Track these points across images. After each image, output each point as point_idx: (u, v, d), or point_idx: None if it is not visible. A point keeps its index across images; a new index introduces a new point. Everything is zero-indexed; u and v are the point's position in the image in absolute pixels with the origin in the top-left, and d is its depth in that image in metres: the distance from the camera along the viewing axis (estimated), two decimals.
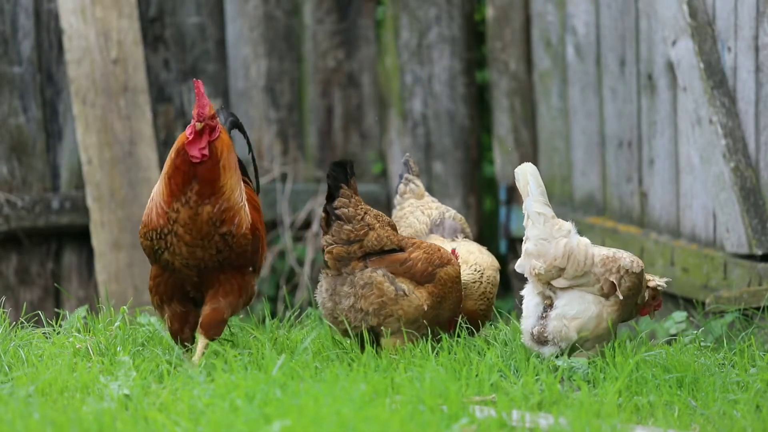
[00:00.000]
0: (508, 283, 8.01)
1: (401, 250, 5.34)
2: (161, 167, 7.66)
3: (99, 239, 7.44)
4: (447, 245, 5.70)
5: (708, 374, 5.04)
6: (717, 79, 6.42)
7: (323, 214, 5.30)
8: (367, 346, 5.20)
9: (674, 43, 6.61)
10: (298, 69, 8.10)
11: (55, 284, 7.54)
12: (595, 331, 5.24)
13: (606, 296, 5.27)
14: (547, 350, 5.27)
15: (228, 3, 7.92)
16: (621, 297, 5.25)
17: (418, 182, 6.15)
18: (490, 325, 5.93)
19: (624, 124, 7.19)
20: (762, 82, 6.23)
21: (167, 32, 7.80)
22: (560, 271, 5.24)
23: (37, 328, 5.48)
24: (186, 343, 5.17)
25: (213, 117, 5.13)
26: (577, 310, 5.25)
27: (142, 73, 7.57)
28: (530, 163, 5.37)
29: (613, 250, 5.33)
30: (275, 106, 8.06)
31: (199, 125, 5.05)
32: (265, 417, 4.20)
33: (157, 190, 5.12)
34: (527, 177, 5.31)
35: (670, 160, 6.88)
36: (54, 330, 5.44)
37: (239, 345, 5.44)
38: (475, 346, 5.37)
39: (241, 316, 6.47)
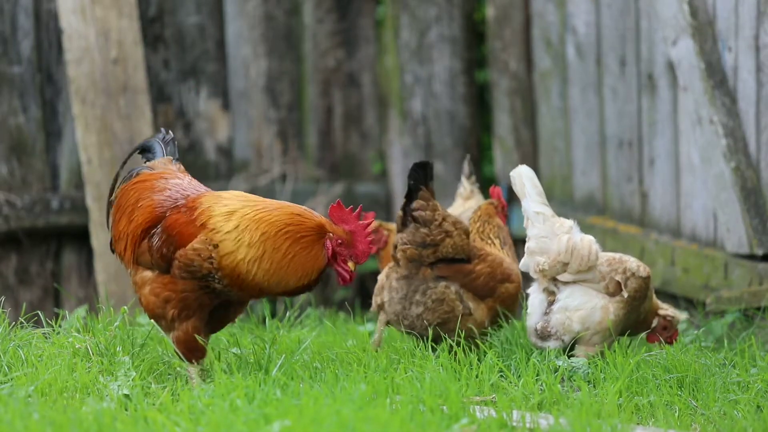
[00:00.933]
0: None
1: (468, 260, 5.33)
2: None
3: (99, 239, 7.43)
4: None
5: (708, 374, 5.04)
6: (717, 78, 6.41)
7: (400, 213, 5.28)
8: (368, 347, 5.19)
9: (675, 42, 6.60)
10: (298, 69, 8.10)
11: (55, 284, 7.54)
12: (600, 324, 5.25)
13: (611, 294, 5.28)
14: (551, 345, 5.28)
15: (228, 3, 7.91)
16: (627, 295, 5.26)
17: (467, 184, 6.13)
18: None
19: (624, 123, 7.18)
20: (763, 81, 6.23)
21: (167, 32, 7.80)
22: (564, 266, 5.27)
23: (37, 328, 5.46)
24: (199, 359, 4.95)
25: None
26: (580, 301, 5.27)
27: (142, 72, 7.56)
28: (525, 165, 5.39)
29: (620, 254, 5.36)
30: (275, 106, 8.05)
31: (353, 266, 4.84)
32: (265, 417, 4.20)
33: (269, 266, 4.79)
34: (523, 179, 5.34)
35: (670, 160, 6.88)
36: (53, 330, 5.43)
37: (239, 345, 5.43)
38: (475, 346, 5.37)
39: (241, 316, 6.47)
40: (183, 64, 7.82)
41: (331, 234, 4.82)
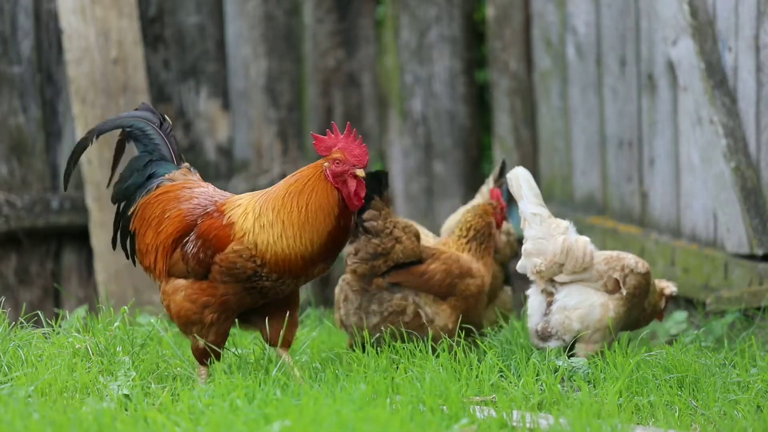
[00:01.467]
0: (509, 283, 7.98)
1: (420, 261, 5.31)
2: None
3: (98, 239, 7.43)
4: None
5: (709, 374, 5.04)
6: (717, 78, 6.41)
7: (353, 224, 5.27)
8: (368, 347, 5.19)
9: (675, 42, 6.60)
10: (298, 69, 8.10)
11: (55, 284, 7.53)
12: (600, 322, 5.25)
13: (611, 292, 5.28)
14: (552, 344, 5.28)
15: (228, 3, 7.91)
16: (625, 292, 5.26)
17: (490, 185, 6.10)
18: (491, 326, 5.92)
19: (624, 123, 7.18)
20: (763, 81, 6.22)
21: (167, 32, 7.80)
22: (560, 267, 5.28)
23: (37, 328, 5.47)
24: (209, 360, 4.95)
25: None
26: (578, 300, 5.28)
27: (142, 73, 7.56)
28: (522, 166, 5.40)
29: (618, 251, 5.37)
30: (275, 106, 8.05)
31: (361, 173, 4.82)
32: (265, 417, 4.20)
33: (295, 239, 4.80)
34: (519, 181, 5.35)
35: (670, 160, 6.88)
36: (53, 330, 5.44)
37: (240, 345, 5.43)
38: (476, 346, 5.37)
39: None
40: (183, 64, 7.82)
41: (325, 164, 4.84)
